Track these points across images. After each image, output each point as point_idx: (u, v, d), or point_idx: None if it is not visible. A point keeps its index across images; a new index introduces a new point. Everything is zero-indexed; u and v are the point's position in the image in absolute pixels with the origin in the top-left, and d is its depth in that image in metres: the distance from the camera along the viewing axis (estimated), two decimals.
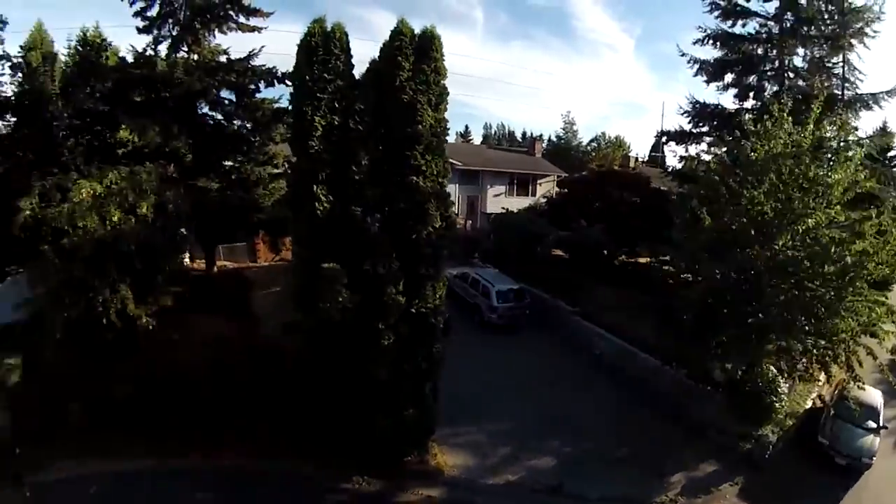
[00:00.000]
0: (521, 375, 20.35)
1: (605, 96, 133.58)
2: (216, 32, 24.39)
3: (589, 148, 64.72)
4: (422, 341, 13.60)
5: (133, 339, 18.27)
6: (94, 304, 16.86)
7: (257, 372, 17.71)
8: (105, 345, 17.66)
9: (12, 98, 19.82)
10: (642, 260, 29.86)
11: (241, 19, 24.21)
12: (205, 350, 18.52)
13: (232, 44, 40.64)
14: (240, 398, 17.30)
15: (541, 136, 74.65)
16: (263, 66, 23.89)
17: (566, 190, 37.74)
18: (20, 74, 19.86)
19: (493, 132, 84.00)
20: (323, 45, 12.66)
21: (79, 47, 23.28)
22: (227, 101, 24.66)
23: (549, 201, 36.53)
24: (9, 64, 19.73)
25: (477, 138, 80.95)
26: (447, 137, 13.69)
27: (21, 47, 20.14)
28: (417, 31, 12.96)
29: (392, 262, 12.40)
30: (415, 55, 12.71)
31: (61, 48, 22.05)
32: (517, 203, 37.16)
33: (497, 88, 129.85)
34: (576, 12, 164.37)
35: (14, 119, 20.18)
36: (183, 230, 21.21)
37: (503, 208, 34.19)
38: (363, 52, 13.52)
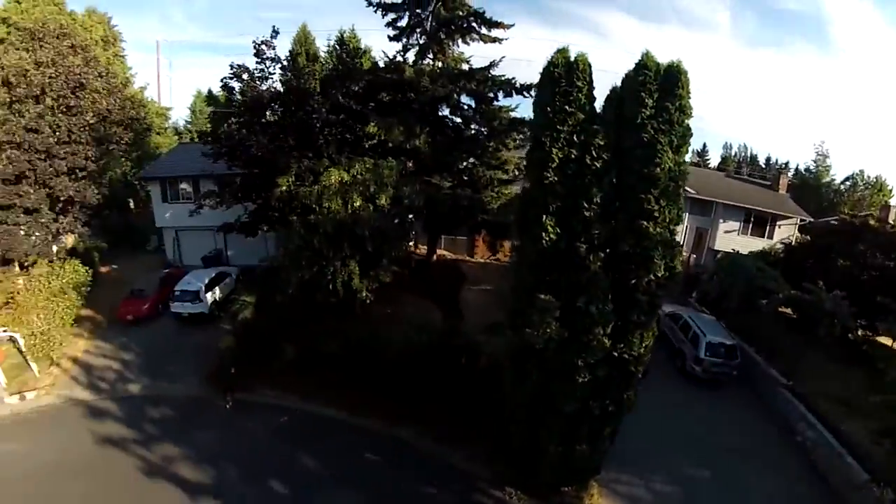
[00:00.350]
0: (707, 439, 19.14)
1: (868, 124, 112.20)
2: (459, 42, 26.70)
3: (842, 188, 56.12)
4: (616, 386, 13.55)
5: (351, 306, 21.41)
6: (325, 271, 19.99)
7: (452, 363, 19.45)
8: (326, 306, 20.96)
9: (281, 93, 23.80)
10: (883, 340, 25.71)
11: (484, 31, 26.17)
12: (410, 330, 20.83)
13: (473, 52, 43.40)
14: (430, 382, 19.37)
15: (786, 164, 66.62)
16: (503, 76, 25.47)
17: (808, 238, 33.66)
18: (289, 74, 23.96)
19: (732, 154, 76.09)
20: (566, 77, 12.82)
21: (336, 46, 27.53)
22: (466, 107, 26.83)
23: (787, 249, 32.81)
24: (279, 66, 24.00)
25: (715, 158, 74.81)
26: (686, 181, 13.23)
27: (290, 52, 24.46)
28: (659, 58, 12.50)
29: (606, 304, 12.47)
30: (659, 91, 12.29)
31: (322, 45, 26.45)
32: (749, 244, 34.37)
33: (742, 102, 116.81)
34: (837, 18, 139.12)
35: (281, 110, 24.16)
36: (412, 218, 23.88)
37: (733, 249, 32.01)
38: (596, 61, 13.28)
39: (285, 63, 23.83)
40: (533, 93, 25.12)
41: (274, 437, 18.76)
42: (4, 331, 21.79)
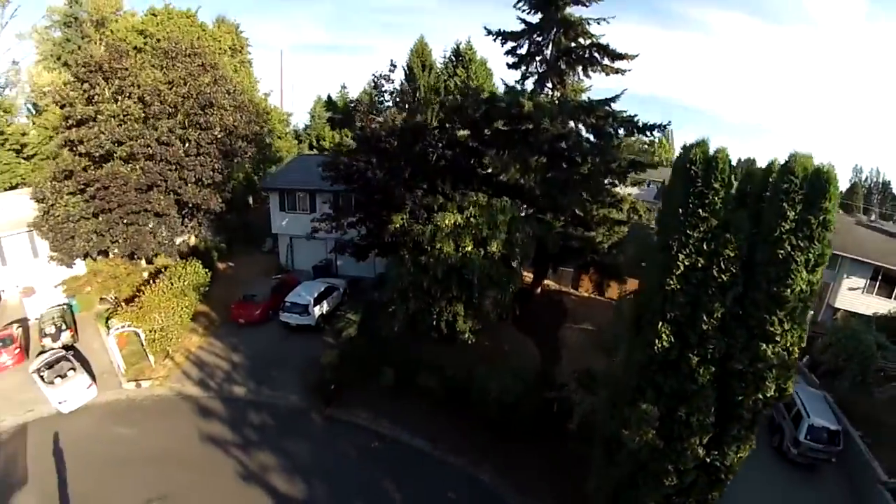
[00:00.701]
0: None
1: None
2: (580, 73, 26.49)
3: None
4: (703, 488, 13.49)
5: (452, 341, 22.25)
6: (431, 310, 20.99)
7: (543, 411, 20.15)
8: (429, 339, 22.13)
9: (399, 129, 24.70)
10: None
11: (606, 62, 25.70)
12: (506, 376, 21.00)
13: (593, 83, 42.04)
14: (519, 427, 20.21)
15: None
16: (624, 111, 25.09)
17: None
18: (407, 105, 25.04)
19: (863, 179, 70.35)
20: (702, 177, 11.96)
21: (452, 58, 28.39)
22: (585, 142, 26.39)
23: None
24: (398, 98, 25.26)
25: (843, 183, 69.12)
26: (813, 303, 12.60)
27: (406, 65, 25.16)
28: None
29: (708, 417, 12.39)
30: (802, 201, 11.27)
31: (438, 56, 27.54)
32: (876, 305, 31.48)
33: (876, 117, 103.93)
34: None
35: (397, 142, 24.89)
36: (521, 260, 23.81)
37: (853, 312, 30.07)
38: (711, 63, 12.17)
39: (402, 95, 24.89)
40: (656, 134, 24.85)
41: (364, 459, 19.96)
42: (129, 325, 24.60)
